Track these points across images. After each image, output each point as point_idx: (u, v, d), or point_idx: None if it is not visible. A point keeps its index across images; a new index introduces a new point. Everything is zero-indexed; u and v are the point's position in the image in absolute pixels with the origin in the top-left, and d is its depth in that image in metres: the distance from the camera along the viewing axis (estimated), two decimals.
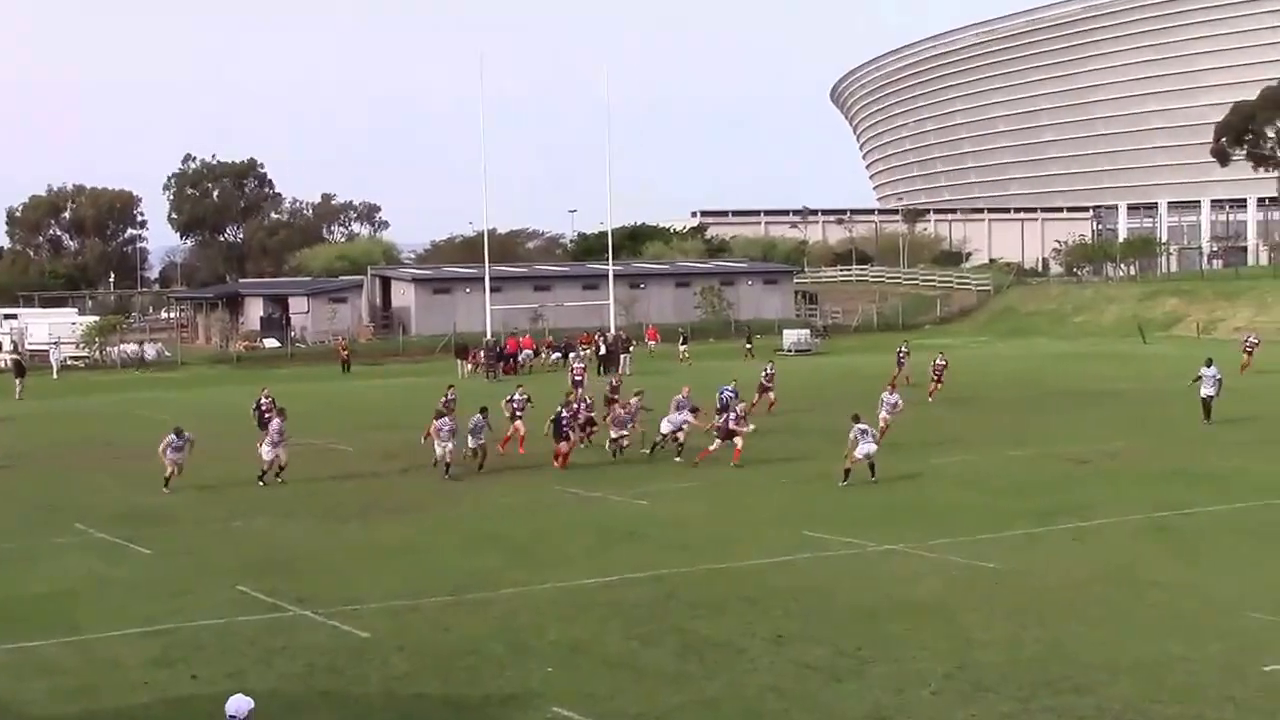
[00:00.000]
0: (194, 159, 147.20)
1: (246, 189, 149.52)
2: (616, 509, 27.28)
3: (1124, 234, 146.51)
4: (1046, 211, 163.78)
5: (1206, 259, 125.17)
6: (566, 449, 32.37)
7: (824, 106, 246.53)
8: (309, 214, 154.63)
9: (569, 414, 32.94)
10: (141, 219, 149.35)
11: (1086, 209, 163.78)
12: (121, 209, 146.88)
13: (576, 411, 33.91)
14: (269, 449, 30.92)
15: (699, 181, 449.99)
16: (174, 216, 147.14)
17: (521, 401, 35.31)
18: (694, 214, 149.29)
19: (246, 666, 16.54)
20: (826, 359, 72.38)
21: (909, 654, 16.48)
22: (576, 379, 49.05)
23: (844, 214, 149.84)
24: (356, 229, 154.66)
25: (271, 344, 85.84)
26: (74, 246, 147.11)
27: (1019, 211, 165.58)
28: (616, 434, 33.60)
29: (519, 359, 68.66)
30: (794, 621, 18.14)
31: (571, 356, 61.26)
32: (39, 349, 75.43)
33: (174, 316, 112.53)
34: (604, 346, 67.92)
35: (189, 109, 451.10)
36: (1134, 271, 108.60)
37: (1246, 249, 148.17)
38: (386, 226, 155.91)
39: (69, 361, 74.39)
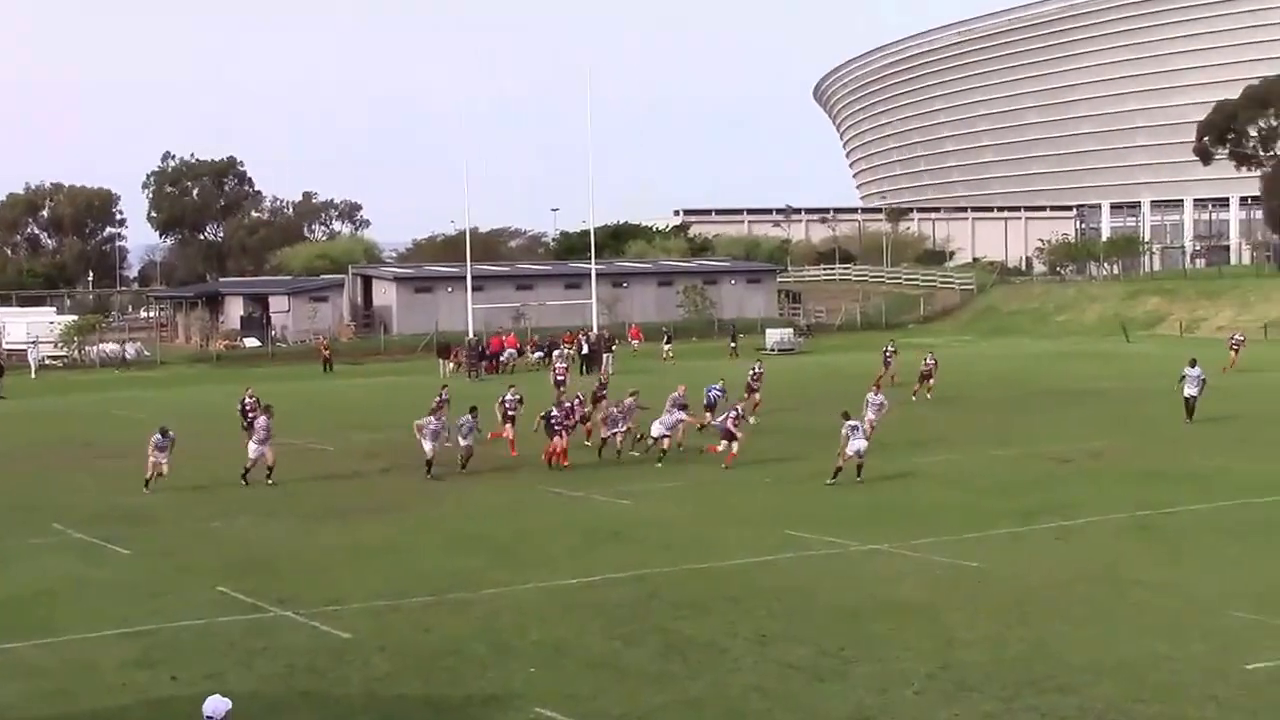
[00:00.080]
0: (173, 157, 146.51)
1: (226, 187, 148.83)
2: (600, 509, 27.21)
3: (1107, 233, 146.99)
4: (1030, 210, 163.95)
5: (1189, 258, 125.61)
6: (563, 445, 32.11)
7: (807, 105, 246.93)
8: (289, 212, 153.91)
9: (561, 412, 32.77)
10: (120, 217, 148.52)
11: (1070, 208, 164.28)
12: (100, 207, 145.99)
13: (570, 410, 33.72)
14: (255, 446, 30.79)
15: (682, 180, 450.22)
16: (153, 215, 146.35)
17: (514, 402, 35.14)
18: (677, 213, 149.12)
19: (227, 668, 16.43)
20: (810, 358, 72.48)
21: (892, 654, 16.45)
22: (559, 379, 48.87)
23: (827, 213, 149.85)
24: (338, 228, 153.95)
25: (252, 343, 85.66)
26: (52, 245, 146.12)
27: (1002, 210, 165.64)
28: (608, 433, 33.46)
29: (501, 358, 68.61)
30: (777, 621, 18.10)
31: (555, 355, 61.18)
32: (17, 348, 75.07)
33: (153, 316, 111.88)
34: (586, 346, 67.84)
35: (169, 107, 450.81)
36: (1117, 270, 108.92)
37: (1229, 248, 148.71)
38: (368, 225, 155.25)
39: (47, 361, 74.00)
